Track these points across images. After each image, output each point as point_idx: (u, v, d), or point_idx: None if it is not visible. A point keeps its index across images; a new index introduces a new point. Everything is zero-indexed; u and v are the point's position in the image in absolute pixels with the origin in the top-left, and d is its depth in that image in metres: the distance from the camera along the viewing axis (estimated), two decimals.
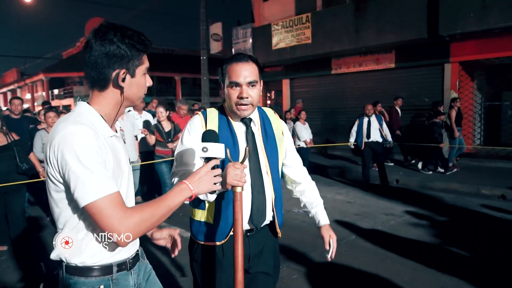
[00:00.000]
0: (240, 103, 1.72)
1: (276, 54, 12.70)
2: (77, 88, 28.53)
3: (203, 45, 13.81)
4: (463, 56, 9.50)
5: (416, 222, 5.37)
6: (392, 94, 11.10)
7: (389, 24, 9.85)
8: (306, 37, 11.69)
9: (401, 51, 10.56)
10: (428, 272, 3.72)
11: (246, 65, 1.73)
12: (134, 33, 1.32)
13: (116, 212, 1.18)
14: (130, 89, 1.35)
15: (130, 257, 1.41)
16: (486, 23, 8.28)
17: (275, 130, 1.90)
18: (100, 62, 1.28)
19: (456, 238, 4.68)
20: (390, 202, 6.54)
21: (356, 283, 3.60)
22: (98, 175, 1.19)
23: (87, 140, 1.21)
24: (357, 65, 11.64)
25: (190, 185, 1.33)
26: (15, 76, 36.17)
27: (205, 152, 1.42)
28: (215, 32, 14.72)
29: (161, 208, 1.26)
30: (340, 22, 10.88)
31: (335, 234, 2.00)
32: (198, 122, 1.80)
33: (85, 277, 1.30)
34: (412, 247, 4.41)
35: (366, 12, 10.37)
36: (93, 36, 1.29)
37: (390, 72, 11.07)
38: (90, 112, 1.32)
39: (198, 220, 1.80)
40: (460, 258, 4.07)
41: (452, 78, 9.84)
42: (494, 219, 5.46)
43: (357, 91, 11.97)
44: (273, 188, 1.82)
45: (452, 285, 3.45)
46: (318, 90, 12.99)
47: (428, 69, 10.31)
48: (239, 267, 1.49)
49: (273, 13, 13.54)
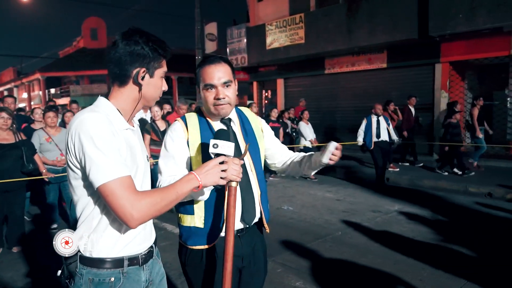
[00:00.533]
0: (217, 103, 1.75)
1: (270, 54, 12.82)
2: (73, 87, 28.50)
3: (198, 44, 13.90)
4: (453, 56, 9.64)
5: (402, 219, 5.50)
6: (384, 93, 11.25)
7: (381, 25, 9.98)
8: (300, 37, 11.81)
9: (393, 51, 10.69)
10: (408, 265, 3.85)
11: (218, 66, 1.75)
12: (157, 39, 1.43)
13: (128, 193, 1.24)
14: (147, 88, 1.43)
15: (142, 253, 1.45)
16: (475, 24, 8.42)
17: (254, 128, 1.94)
18: (123, 59, 1.38)
19: (440, 233, 4.80)
20: (379, 199, 6.67)
21: (338, 276, 3.71)
22: (111, 158, 1.25)
23: (102, 125, 1.28)
24: (350, 65, 11.77)
25: (198, 176, 1.40)
26: (11, 75, 36.08)
27: (215, 148, 1.49)
28: (210, 32, 14.82)
29: (170, 194, 1.33)
30: (333, 23, 11.00)
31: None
32: (179, 128, 1.80)
33: (97, 269, 1.35)
34: (395, 242, 4.53)
35: (358, 13, 10.49)
36: (121, 36, 1.40)
37: (382, 72, 11.21)
38: (107, 105, 1.41)
39: (187, 225, 1.79)
40: (441, 251, 4.20)
41: (443, 78, 9.98)
42: (481, 215, 5.60)
43: (350, 90, 12.11)
44: (258, 185, 1.85)
45: (432, 277, 3.58)
46: (312, 90, 13.11)
47: (419, 69, 10.45)
48: (230, 257, 1.53)
49: (268, 13, 13.65)
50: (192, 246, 1.79)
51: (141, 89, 1.42)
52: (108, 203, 1.25)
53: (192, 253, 1.80)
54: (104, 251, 1.36)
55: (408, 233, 4.84)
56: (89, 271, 1.35)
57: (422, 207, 6.03)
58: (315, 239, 4.65)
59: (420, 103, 10.63)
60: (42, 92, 30.18)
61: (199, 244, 1.77)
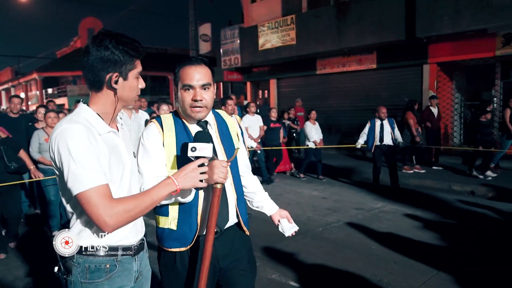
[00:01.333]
0: (194, 105, 1.72)
1: (262, 55, 12.99)
2: (70, 87, 28.68)
3: (192, 45, 14.09)
4: (440, 57, 9.83)
5: (383, 216, 5.67)
6: (374, 93, 11.45)
7: (369, 26, 10.16)
8: (291, 38, 11.99)
9: (382, 52, 10.87)
10: (381, 259, 4.03)
11: (199, 68, 1.73)
12: (128, 40, 1.44)
13: (102, 201, 1.29)
14: (123, 90, 1.47)
15: (135, 244, 1.52)
16: (459, 26, 8.61)
17: (231, 132, 1.92)
18: (96, 65, 1.41)
19: (416, 228, 4.98)
20: (363, 197, 6.84)
21: (312, 269, 3.88)
22: (87, 168, 1.31)
23: (78, 136, 1.33)
24: (340, 65, 11.95)
25: (175, 180, 1.44)
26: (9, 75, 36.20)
27: (193, 152, 1.51)
28: (204, 33, 14.99)
29: (145, 200, 1.39)
30: (323, 24, 11.19)
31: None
32: (154, 130, 1.77)
33: (93, 257, 1.43)
34: (372, 238, 4.70)
35: (348, 14, 10.67)
36: (91, 42, 1.43)
37: (372, 73, 11.40)
38: (87, 111, 1.45)
39: (162, 227, 1.79)
40: (414, 245, 4.37)
41: (430, 79, 10.17)
42: (462, 212, 5.77)
43: (341, 90, 12.30)
44: (234, 189, 1.84)
45: (401, 269, 3.75)
46: (305, 90, 13.28)
47: (407, 70, 10.64)
48: (208, 254, 1.59)
49: (261, 14, 13.82)
50: (166, 248, 1.80)
51: (116, 93, 1.46)
52: (84, 210, 1.31)
53: (166, 255, 1.81)
54: (100, 241, 1.43)
55: (386, 229, 5.01)
56: (85, 260, 1.42)
57: (404, 205, 6.20)
58: (295, 235, 4.81)
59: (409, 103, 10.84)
60: (39, 92, 30.32)
61: (173, 247, 1.77)
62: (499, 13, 8.04)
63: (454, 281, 3.50)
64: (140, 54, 1.48)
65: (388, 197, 6.80)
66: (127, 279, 1.49)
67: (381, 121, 7.13)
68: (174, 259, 1.79)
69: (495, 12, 8.09)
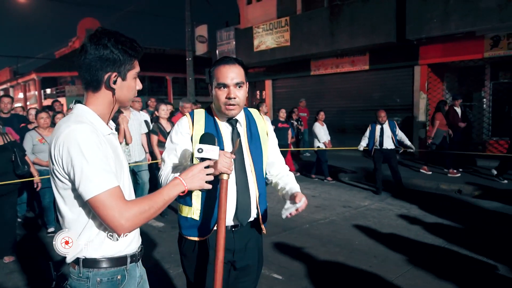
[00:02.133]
0: (228, 103, 1.80)
1: (257, 56, 13.16)
2: (69, 88, 28.84)
3: (189, 46, 14.26)
4: (430, 59, 10.01)
5: (369, 213, 5.85)
6: (367, 94, 11.63)
7: (361, 28, 10.34)
8: (285, 40, 12.16)
9: (375, 53, 11.06)
10: (362, 253, 4.21)
11: (233, 67, 1.81)
12: (127, 40, 1.40)
13: (117, 204, 1.26)
14: (121, 91, 1.43)
15: (137, 250, 1.52)
16: (448, 28, 8.79)
17: (260, 131, 1.97)
18: (94, 65, 1.37)
19: (400, 225, 5.16)
20: (352, 196, 7.03)
21: (295, 262, 4.05)
22: (101, 170, 1.26)
23: (90, 137, 1.28)
24: (334, 66, 12.13)
25: (183, 181, 1.44)
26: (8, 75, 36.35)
27: (200, 153, 1.54)
28: (200, 34, 15.16)
29: (158, 201, 1.37)
30: (316, 26, 11.36)
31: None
32: (185, 123, 1.87)
33: (104, 269, 1.38)
34: (355, 234, 4.89)
35: (340, 16, 10.86)
36: (89, 40, 1.38)
37: (365, 74, 11.57)
38: (88, 112, 1.41)
39: (184, 216, 1.87)
40: (395, 240, 4.55)
41: (421, 80, 10.35)
42: (448, 209, 5.95)
43: (335, 91, 12.47)
44: (257, 186, 1.89)
45: (380, 263, 3.93)
46: (299, 91, 13.44)
47: (399, 71, 10.82)
48: (221, 247, 1.63)
49: (256, 16, 14.01)
50: (188, 237, 1.88)
51: (115, 93, 1.42)
52: (98, 214, 1.27)
53: (187, 243, 1.90)
54: (110, 251, 1.40)
55: (371, 226, 5.20)
56: (96, 273, 1.37)
57: (391, 203, 6.39)
58: (283, 231, 5.00)
59: (400, 104, 11.05)
60: (37, 92, 30.47)
61: (193, 236, 1.86)
62: (486, 16, 8.23)
63: (428, 274, 3.68)
64: (139, 54, 1.45)
65: (376, 195, 6.99)
66: (133, 287, 1.49)
67: (381, 125, 7.12)
68: (194, 247, 1.88)
69: (482, 15, 8.27)
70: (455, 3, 8.61)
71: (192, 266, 1.90)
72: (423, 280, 3.54)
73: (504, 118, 9.37)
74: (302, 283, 3.56)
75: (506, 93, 9.92)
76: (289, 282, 3.59)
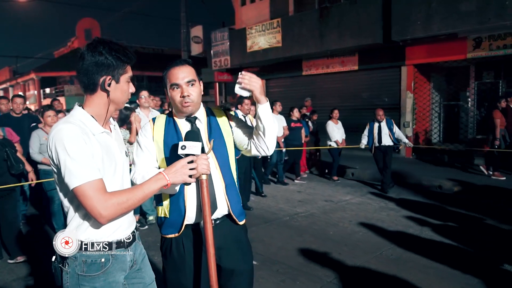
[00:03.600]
0: (183, 101, 1.88)
1: (250, 56, 13.48)
2: (68, 87, 29.11)
3: (184, 47, 14.57)
4: (416, 60, 10.33)
5: (348, 207, 6.17)
6: (356, 93, 11.95)
7: (349, 29, 10.66)
8: (277, 40, 12.48)
9: (364, 54, 11.37)
10: (334, 243, 4.52)
11: (183, 67, 1.90)
12: (120, 48, 1.58)
13: (97, 195, 1.42)
14: (115, 93, 1.59)
15: (126, 237, 1.64)
16: (431, 30, 9.10)
17: (221, 124, 2.03)
18: (90, 69, 1.54)
19: (373, 217, 5.47)
20: (336, 191, 7.35)
21: (271, 251, 4.35)
22: (82, 164, 1.42)
23: (73, 135, 1.45)
24: (325, 67, 12.45)
25: (166, 176, 1.57)
26: (7, 75, 36.65)
27: (183, 150, 1.65)
28: (195, 35, 15.47)
29: (137, 193, 1.51)
30: (306, 27, 11.68)
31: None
32: (148, 127, 2.00)
33: (90, 252, 1.54)
34: (331, 225, 5.20)
35: (329, 18, 11.17)
36: (86, 48, 1.55)
37: (354, 74, 11.88)
38: (81, 113, 1.57)
39: (159, 216, 1.98)
40: (367, 229, 4.87)
41: (408, 80, 10.67)
42: (427, 205, 6.27)
43: (326, 91, 12.78)
44: (223, 178, 1.95)
45: (350, 250, 4.24)
46: (292, 90, 13.76)
47: (387, 71, 11.14)
48: (210, 242, 1.73)
49: (250, 17, 14.33)
50: (163, 235, 1.98)
51: (109, 95, 1.58)
52: (81, 202, 1.44)
53: (165, 243, 1.99)
54: (95, 236, 1.55)
55: (347, 218, 5.51)
56: (82, 254, 1.53)
57: (371, 198, 6.70)
58: (263, 223, 5.32)
59: (388, 103, 11.35)
60: (37, 91, 30.78)
61: (168, 233, 1.95)
62: (467, 19, 8.54)
63: (392, 260, 4.00)
64: (131, 60, 1.60)
65: (359, 191, 7.30)
66: (121, 271, 1.61)
67: (378, 123, 7.34)
68: (170, 246, 1.96)
69: (462, 18, 8.58)
70: (437, 6, 8.92)
71: (170, 267, 1.98)
72: (385, 266, 3.85)
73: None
74: (274, 267, 3.87)
75: (489, 93, 10.25)
76: (262, 266, 3.90)
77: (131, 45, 33.38)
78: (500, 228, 4.89)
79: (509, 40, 8.82)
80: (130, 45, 33.24)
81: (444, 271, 3.67)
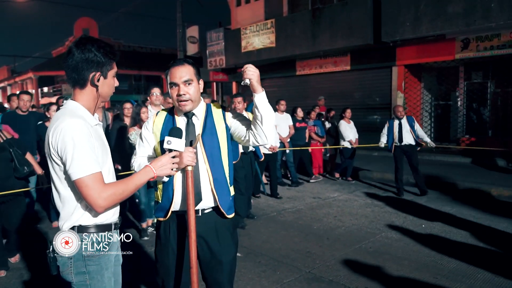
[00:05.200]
0: (179, 99, 2.01)
1: (245, 56, 13.67)
2: (65, 86, 29.18)
3: (180, 47, 14.76)
4: (406, 60, 10.56)
5: (334, 203, 6.36)
6: (349, 93, 12.17)
7: (340, 30, 10.87)
8: (271, 41, 12.68)
9: (356, 54, 11.58)
10: (316, 237, 4.72)
11: (181, 67, 2.02)
12: (107, 45, 1.68)
13: (97, 186, 1.54)
14: (103, 87, 1.70)
15: (117, 220, 1.81)
16: (419, 31, 9.32)
17: (216, 122, 2.14)
18: (81, 66, 1.62)
19: (356, 212, 5.67)
20: (325, 189, 7.53)
21: (256, 243, 4.54)
22: (87, 158, 1.54)
23: (82, 130, 1.56)
24: (318, 67, 12.66)
25: (153, 169, 1.74)
26: (5, 74, 36.75)
27: (168, 145, 1.80)
28: (191, 35, 15.66)
29: (130, 185, 1.66)
30: (299, 28, 11.88)
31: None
32: (151, 120, 2.19)
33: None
34: (316, 220, 5.39)
35: (321, 19, 11.37)
36: (75, 45, 1.64)
37: (347, 74, 12.10)
38: (79, 107, 1.67)
39: (155, 200, 2.20)
40: (349, 224, 5.06)
41: (398, 80, 10.88)
42: (410, 204, 6.47)
43: (319, 90, 12.96)
44: (211, 172, 2.06)
45: (330, 243, 4.44)
46: (286, 90, 13.96)
47: (378, 71, 11.36)
48: (192, 229, 1.89)
49: (245, 17, 14.52)
50: (157, 218, 2.17)
51: (98, 90, 1.69)
52: (81, 192, 1.55)
53: (158, 224, 2.20)
54: (98, 219, 1.68)
55: (332, 213, 5.70)
56: (88, 235, 1.65)
57: (358, 196, 6.89)
58: (249, 218, 5.51)
59: (380, 103, 11.58)
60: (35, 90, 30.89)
61: (159, 216, 2.14)
62: (454, 20, 8.75)
63: (370, 253, 4.20)
64: (116, 57, 1.72)
65: (345, 189, 7.49)
66: (116, 248, 1.78)
67: (399, 120, 6.88)
68: (159, 228, 2.16)
69: (450, 19, 8.80)
70: (425, 8, 9.13)
71: (158, 247, 2.16)
72: (362, 257, 4.04)
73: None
74: (257, 259, 4.06)
75: (477, 93, 10.47)
76: (246, 258, 4.09)
77: (129, 45, 33.62)
78: (474, 222, 5.09)
79: (496, 41, 9.03)
80: (128, 45, 33.51)
81: (418, 262, 3.87)
